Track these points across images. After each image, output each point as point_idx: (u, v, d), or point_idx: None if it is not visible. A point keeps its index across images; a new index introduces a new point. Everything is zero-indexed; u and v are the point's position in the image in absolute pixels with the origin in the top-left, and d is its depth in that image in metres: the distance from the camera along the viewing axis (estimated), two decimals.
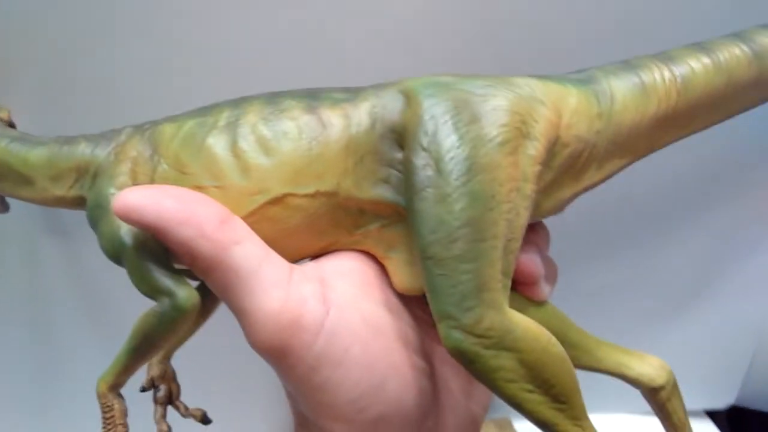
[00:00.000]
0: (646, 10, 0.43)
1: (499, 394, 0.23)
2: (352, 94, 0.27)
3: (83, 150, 0.29)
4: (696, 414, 0.61)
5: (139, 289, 0.26)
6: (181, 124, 0.27)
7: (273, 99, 0.27)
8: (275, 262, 0.25)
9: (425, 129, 0.24)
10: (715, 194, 0.53)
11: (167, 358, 0.36)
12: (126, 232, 0.26)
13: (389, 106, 0.26)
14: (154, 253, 0.26)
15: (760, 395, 0.60)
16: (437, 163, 0.23)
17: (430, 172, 0.23)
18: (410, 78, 0.26)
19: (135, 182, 0.27)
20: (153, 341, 0.26)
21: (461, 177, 0.23)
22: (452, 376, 0.28)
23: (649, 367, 0.28)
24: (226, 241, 0.24)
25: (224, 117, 0.27)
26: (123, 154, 0.28)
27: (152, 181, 0.27)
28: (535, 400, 0.23)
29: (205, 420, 0.37)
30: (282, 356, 0.24)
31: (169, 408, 0.37)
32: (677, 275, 0.55)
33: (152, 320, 0.26)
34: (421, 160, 0.24)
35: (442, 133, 0.24)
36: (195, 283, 0.27)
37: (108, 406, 0.28)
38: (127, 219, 0.24)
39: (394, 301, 0.27)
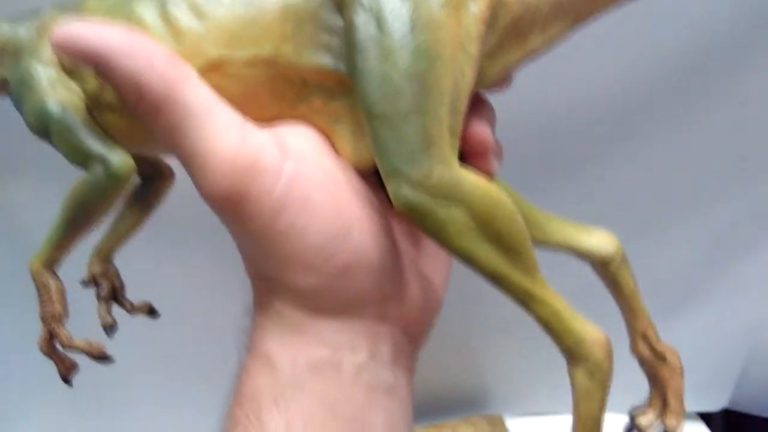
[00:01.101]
0: None
1: (450, 247, 0.23)
2: None
3: (3, 30, 0.28)
4: (689, 416, 0.61)
5: (69, 160, 0.25)
6: None
7: None
8: (228, 108, 0.24)
9: None
10: (707, 198, 0.53)
11: (108, 256, 0.35)
12: (53, 101, 0.25)
13: None
14: (82, 118, 0.25)
15: (753, 398, 0.60)
16: (378, 20, 0.23)
17: (371, 29, 0.23)
18: None
19: (59, 58, 0.26)
20: (87, 212, 0.25)
21: (404, 33, 0.23)
22: (409, 245, 0.27)
23: (598, 240, 0.28)
24: (179, 77, 0.23)
25: None
26: (46, 30, 0.27)
27: None
28: (486, 252, 0.23)
29: (152, 312, 0.36)
30: (239, 203, 0.23)
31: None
32: (670, 278, 0.55)
33: (85, 189, 0.25)
34: (361, 18, 0.23)
35: None
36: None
37: (43, 285, 0.27)
38: (69, 49, 0.22)
39: (348, 165, 0.26)
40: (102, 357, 0.29)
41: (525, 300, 0.23)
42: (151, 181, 0.34)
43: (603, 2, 0.27)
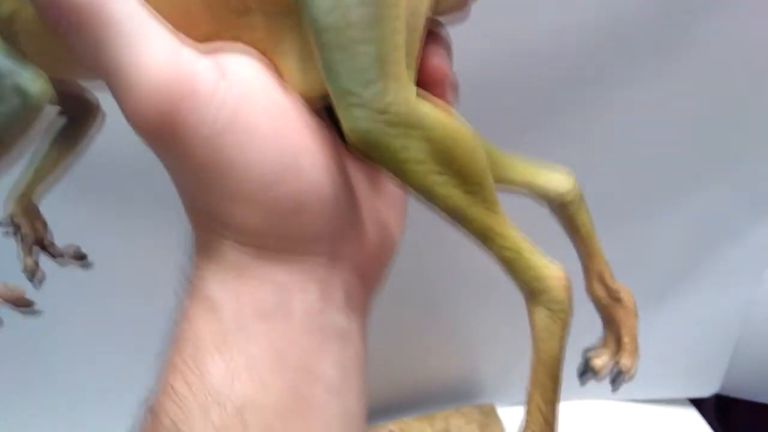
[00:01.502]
0: None
1: (407, 180, 0.21)
2: None
3: None
4: (680, 402, 0.61)
5: None
6: None
7: None
8: (161, 23, 0.21)
9: None
10: (697, 183, 0.53)
11: (29, 197, 0.32)
12: None
13: None
14: None
15: (744, 383, 0.60)
16: None
17: None
18: None
19: None
20: (2, 139, 0.23)
21: None
22: (363, 180, 0.25)
23: (557, 181, 0.28)
24: None
25: None
26: None
27: None
28: (445, 186, 0.21)
29: (81, 258, 0.33)
30: (172, 130, 0.21)
31: None
32: (660, 263, 0.55)
33: None
34: None
35: None
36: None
37: None
38: None
39: (296, 95, 0.24)
40: (24, 305, 0.27)
41: (485, 236, 0.22)
42: (77, 120, 0.31)
43: None
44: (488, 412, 0.59)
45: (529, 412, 0.24)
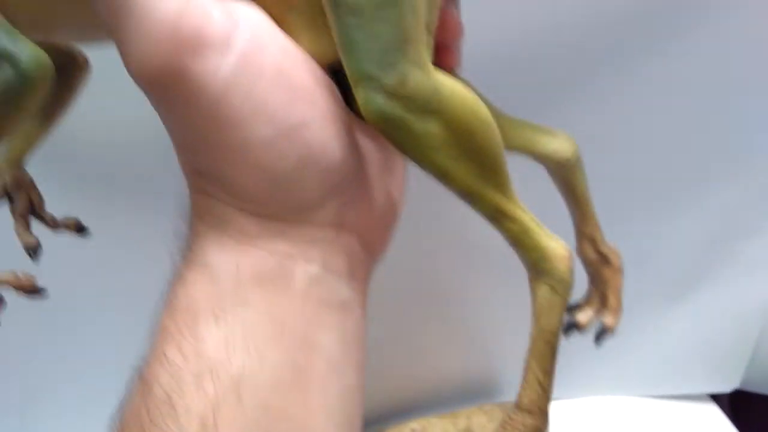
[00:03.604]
0: None
1: (423, 162, 0.21)
2: None
3: None
4: (700, 398, 0.61)
5: None
6: None
7: None
8: None
9: None
10: (719, 175, 0.53)
11: (18, 162, 0.30)
12: None
13: None
14: None
15: (765, 379, 0.60)
16: None
17: None
18: None
19: None
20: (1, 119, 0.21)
21: None
22: (371, 144, 0.24)
23: (558, 144, 0.28)
24: None
25: None
26: None
27: None
28: (461, 169, 0.21)
29: (79, 228, 0.31)
30: (177, 81, 0.19)
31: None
32: (681, 258, 0.55)
33: None
34: None
35: None
36: None
37: None
38: None
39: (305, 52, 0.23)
40: (33, 290, 0.25)
41: (496, 216, 0.22)
42: (64, 74, 0.29)
43: None
44: (509, 409, 0.59)
45: (526, 380, 0.25)
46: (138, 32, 0.19)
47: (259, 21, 0.21)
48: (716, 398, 0.61)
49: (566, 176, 0.28)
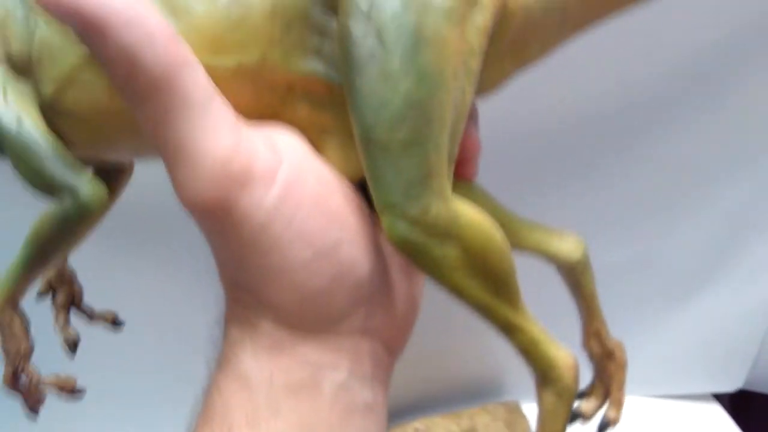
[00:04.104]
0: None
1: (441, 279, 0.23)
2: None
3: None
4: (704, 398, 0.61)
5: (28, 184, 0.22)
6: None
7: None
8: (224, 101, 0.21)
9: None
10: (724, 177, 0.53)
11: (64, 258, 0.31)
12: (8, 116, 0.22)
13: None
14: (43, 133, 0.22)
15: None
16: (380, 32, 0.21)
17: (371, 43, 0.21)
18: None
19: (7, 50, 0.23)
20: (54, 247, 0.23)
21: (408, 51, 0.21)
22: (394, 255, 0.25)
23: (567, 244, 0.29)
24: (179, 57, 0.20)
25: None
26: None
27: (31, 48, 0.22)
28: (476, 287, 0.23)
29: (116, 323, 0.32)
30: (226, 213, 0.21)
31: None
32: (686, 259, 0.55)
33: (52, 224, 0.22)
34: (360, 28, 0.21)
35: None
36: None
37: (7, 322, 0.25)
38: (57, 7, 0.19)
39: (337, 171, 0.24)
40: (73, 391, 0.27)
41: (507, 329, 0.24)
42: (108, 173, 0.29)
43: (606, 12, 0.26)
44: (513, 409, 0.59)
45: None
46: (192, 171, 0.20)
47: (299, 150, 0.23)
48: (719, 397, 0.61)
49: (575, 277, 0.29)
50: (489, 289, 0.23)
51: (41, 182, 0.22)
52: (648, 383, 0.60)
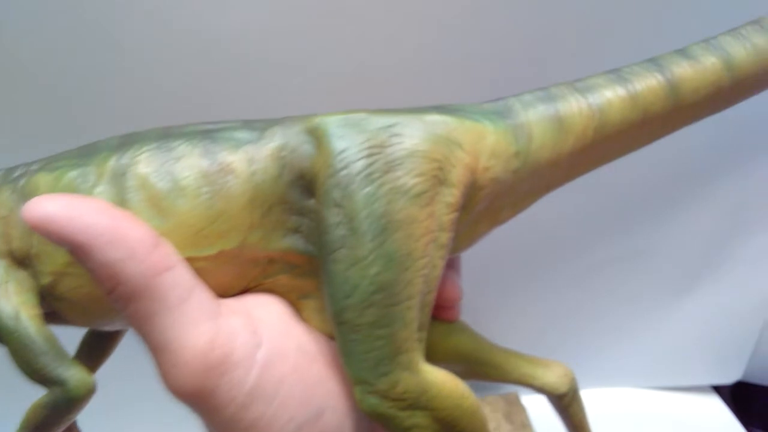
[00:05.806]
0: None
1: None
2: (256, 132, 0.24)
3: None
4: (702, 389, 0.61)
5: (21, 372, 0.23)
6: (59, 175, 0.24)
7: (165, 143, 0.24)
8: (205, 292, 0.23)
9: (337, 181, 0.22)
10: (723, 169, 0.53)
11: None
12: (8, 311, 0.23)
13: (298, 149, 0.24)
14: (37, 328, 0.23)
15: (767, 371, 0.60)
16: (351, 221, 0.22)
17: (343, 231, 0.22)
18: (319, 115, 0.24)
19: (9, 247, 0.24)
20: (46, 430, 0.24)
21: (376, 237, 0.22)
22: None
23: (553, 376, 0.29)
24: (159, 266, 0.21)
25: (109, 167, 0.24)
26: None
27: (30, 246, 0.24)
28: None
29: None
30: (208, 398, 0.22)
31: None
32: (685, 251, 0.55)
33: (43, 412, 0.24)
34: (333, 217, 0.22)
35: (355, 185, 0.22)
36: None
37: None
38: (45, 230, 0.21)
39: (318, 333, 0.25)
40: None
41: None
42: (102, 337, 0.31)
43: (575, 174, 0.27)
44: (513, 400, 0.59)
45: None
46: (173, 365, 0.21)
47: (279, 322, 0.24)
48: (718, 389, 0.62)
49: (563, 407, 0.30)
50: None
51: (34, 374, 0.23)
52: (647, 375, 0.60)
